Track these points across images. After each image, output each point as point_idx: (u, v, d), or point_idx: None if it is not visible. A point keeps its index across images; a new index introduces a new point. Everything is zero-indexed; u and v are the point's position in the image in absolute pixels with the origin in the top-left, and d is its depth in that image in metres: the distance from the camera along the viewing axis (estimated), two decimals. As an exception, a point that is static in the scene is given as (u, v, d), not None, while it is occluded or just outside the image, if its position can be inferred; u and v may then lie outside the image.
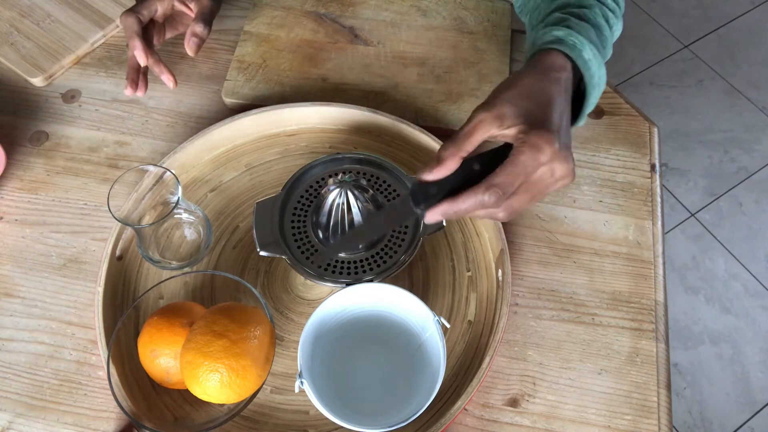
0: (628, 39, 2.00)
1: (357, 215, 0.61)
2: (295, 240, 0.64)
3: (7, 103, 0.80)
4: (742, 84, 1.92)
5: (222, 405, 0.59)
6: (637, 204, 0.72)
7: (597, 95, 0.59)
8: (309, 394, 0.54)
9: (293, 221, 0.65)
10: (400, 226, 0.65)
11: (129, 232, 0.68)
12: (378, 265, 0.63)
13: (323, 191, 0.62)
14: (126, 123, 0.78)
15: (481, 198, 0.49)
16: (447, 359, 0.57)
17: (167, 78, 0.74)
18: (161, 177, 0.65)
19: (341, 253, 0.63)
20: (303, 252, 0.64)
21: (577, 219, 0.71)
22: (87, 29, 0.84)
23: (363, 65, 0.81)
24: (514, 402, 0.61)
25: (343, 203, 0.61)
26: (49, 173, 0.75)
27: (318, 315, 0.58)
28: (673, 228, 1.67)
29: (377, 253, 0.64)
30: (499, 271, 0.64)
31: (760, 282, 1.59)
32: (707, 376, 1.47)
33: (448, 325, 0.59)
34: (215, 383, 0.53)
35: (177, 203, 0.62)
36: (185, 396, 0.59)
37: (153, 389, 0.60)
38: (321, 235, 0.64)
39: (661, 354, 0.63)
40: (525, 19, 0.73)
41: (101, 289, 0.63)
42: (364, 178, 0.67)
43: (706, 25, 2.04)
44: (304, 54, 0.82)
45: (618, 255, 0.69)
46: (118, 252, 0.67)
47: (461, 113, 0.76)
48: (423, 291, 0.66)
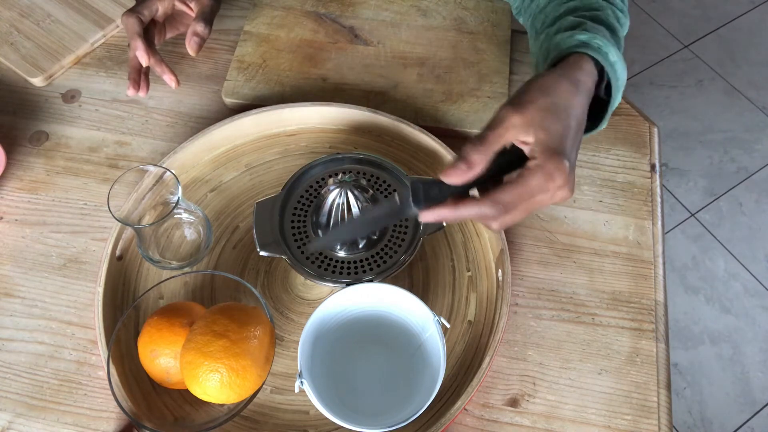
0: (628, 39, 1.98)
1: (357, 215, 0.61)
2: (295, 240, 0.64)
3: (7, 103, 0.80)
4: (742, 84, 1.92)
5: (222, 405, 0.59)
6: (637, 204, 0.72)
7: (620, 97, 0.59)
8: (309, 394, 0.54)
9: (293, 221, 0.65)
10: (396, 222, 0.64)
11: (129, 232, 0.68)
12: (378, 265, 0.63)
13: (323, 191, 0.62)
14: (126, 123, 0.78)
15: (484, 211, 0.49)
16: (447, 359, 0.57)
17: (169, 78, 0.74)
18: (161, 177, 0.65)
19: (341, 252, 0.64)
20: (303, 252, 0.64)
21: (577, 219, 0.71)
22: (87, 29, 0.84)
23: (363, 65, 0.81)
24: (514, 402, 0.61)
25: (343, 203, 0.61)
26: (49, 173, 0.75)
27: (318, 315, 0.58)
28: (673, 228, 1.67)
29: (377, 253, 0.64)
30: (499, 271, 0.64)
31: (760, 282, 1.59)
32: (707, 376, 1.47)
33: (448, 325, 0.59)
34: (215, 383, 0.53)
35: (177, 203, 0.62)
36: (185, 396, 0.59)
37: (153, 389, 0.60)
38: (321, 235, 0.64)
39: (661, 354, 0.63)
40: (524, 21, 0.72)
41: (101, 289, 0.63)
42: (364, 178, 0.67)
43: (706, 25, 2.04)
44: (304, 54, 0.82)
45: (618, 255, 0.69)
46: (118, 252, 0.67)
47: (461, 113, 0.76)
48: (423, 291, 0.66)
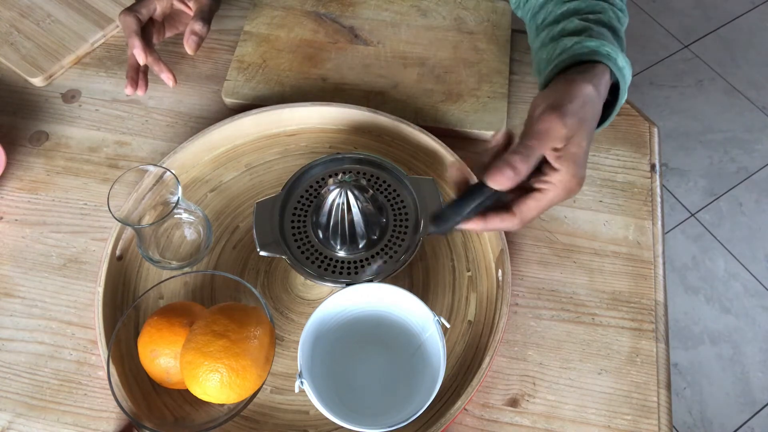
0: (628, 39, 1.98)
1: (357, 215, 0.61)
2: (295, 240, 0.64)
3: (7, 103, 0.80)
4: (742, 84, 1.92)
5: (222, 405, 0.59)
6: (637, 204, 0.72)
7: (625, 98, 0.61)
8: (309, 394, 0.54)
9: (293, 221, 0.65)
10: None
11: (129, 232, 0.68)
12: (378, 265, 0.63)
13: (323, 191, 0.62)
14: (126, 123, 0.78)
15: (509, 225, 0.53)
16: (447, 359, 0.57)
17: (167, 76, 0.74)
18: (161, 177, 0.65)
19: (341, 252, 0.64)
20: (303, 252, 0.64)
21: (577, 219, 0.71)
22: (87, 29, 0.84)
23: (363, 65, 0.81)
24: (514, 402, 0.61)
25: (343, 203, 0.61)
26: (49, 173, 0.75)
27: (318, 315, 0.58)
28: (673, 228, 1.67)
29: (377, 253, 0.64)
30: (499, 271, 0.64)
31: (760, 282, 1.59)
32: (707, 376, 1.47)
33: (448, 325, 0.59)
34: (215, 383, 0.53)
35: (177, 203, 0.62)
36: (185, 396, 0.59)
37: (153, 389, 0.60)
38: (321, 235, 0.64)
39: (661, 354, 0.63)
40: (522, 15, 0.73)
41: (101, 289, 0.63)
42: (364, 178, 0.67)
43: (706, 25, 2.04)
44: (304, 54, 0.82)
45: (618, 255, 0.69)
46: (118, 252, 0.67)
47: (461, 113, 0.76)
48: (423, 291, 0.66)
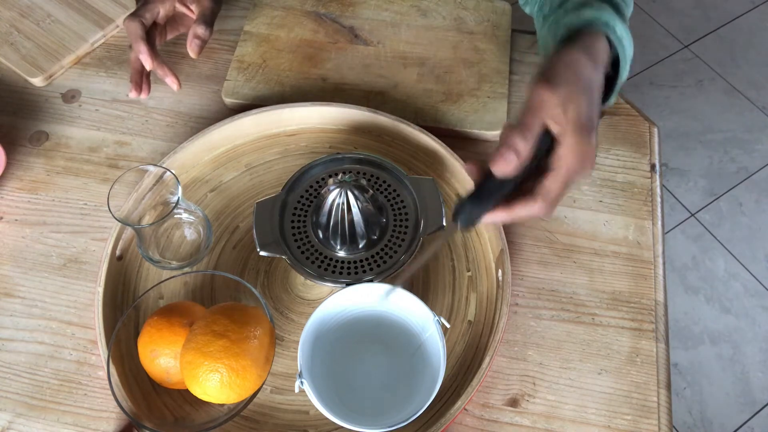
0: (628, 39, 2.00)
1: (357, 215, 0.61)
2: (295, 240, 0.64)
3: (7, 103, 0.80)
4: (742, 84, 1.91)
5: (222, 405, 0.59)
6: (637, 204, 0.72)
7: (627, 71, 0.60)
8: (309, 394, 0.54)
9: (293, 221, 0.65)
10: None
11: (129, 232, 0.68)
12: (378, 265, 0.63)
13: (323, 191, 0.62)
14: (126, 123, 0.78)
15: (537, 209, 0.51)
16: (447, 359, 0.57)
17: (171, 80, 0.74)
18: (161, 177, 0.65)
19: (341, 252, 0.64)
20: (303, 252, 0.64)
21: (577, 219, 0.71)
22: (87, 29, 0.84)
23: (363, 65, 0.81)
24: (514, 402, 0.61)
25: (343, 203, 0.61)
26: (49, 173, 0.75)
27: (318, 315, 0.58)
28: (673, 228, 1.67)
29: (377, 253, 0.64)
30: (499, 271, 0.64)
31: (760, 282, 1.59)
32: (707, 376, 1.47)
33: (448, 325, 0.59)
34: (215, 383, 0.53)
35: (177, 203, 0.62)
36: (185, 396, 0.59)
37: (153, 389, 0.60)
38: (321, 235, 0.64)
39: (661, 354, 0.63)
40: (530, 10, 0.73)
41: (101, 289, 0.63)
42: (364, 178, 0.67)
43: (706, 25, 2.04)
44: (304, 54, 0.82)
45: (618, 255, 0.69)
46: (118, 252, 0.67)
47: (461, 113, 0.76)
48: (423, 291, 0.66)
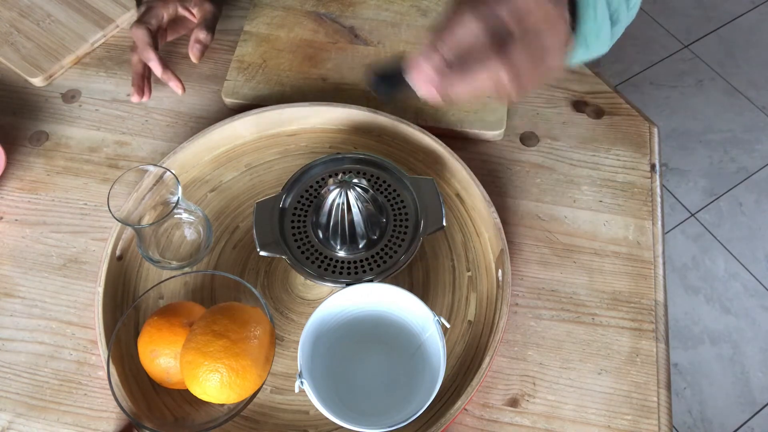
0: (628, 39, 1.99)
1: (357, 215, 0.61)
2: (295, 240, 0.64)
3: (7, 103, 0.80)
4: (742, 84, 1.92)
5: (222, 405, 0.59)
6: (637, 204, 0.72)
7: (600, 16, 0.45)
8: (309, 394, 0.54)
9: (293, 221, 0.65)
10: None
11: (129, 232, 0.68)
12: (378, 265, 0.63)
13: (323, 191, 0.62)
14: (126, 123, 0.78)
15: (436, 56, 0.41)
16: (447, 359, 0.57)
17: (175, 84, 0.75)
18: (161, 177, 0.65)
19: (341, 252, 0.64)
20: (303, 252, 0.64)
21: (577, 219, 0.71)
22: (87, 29, 0.84)
23: (363, 65, 0.81)
24: (514, 402, 0.61)
25: (343, 203, 0.61)
26: (49, 173, 0.75)
27: (318, 315, 0.58)
28: (673, 228, 1.67)
29: (377, 253, 0.64)
30: (499, 271, 0.64)
31: (760, 282, 1.59)
32: (707, 376, 1.47)
33: (448, 325, 0.59)
34: (215, 383, 0.53)
35: (177, 203, 0.62)
36: (185, 396, 0.59)
37: (153, 389, 0.60)
38: (321, 235, 0.64)
39: (661, 354, 0.63)
40: None
41: (101, 289, 0.63)
42: (364, 178, 0.67)
43: (706, 25, 2.04)
44: (304, 54, 0.82)
45: (618, 255, 0.69)
46: (118, 252, 0.67)
47: (461, 113, 0.76)
48: (423, 291, 0.66)
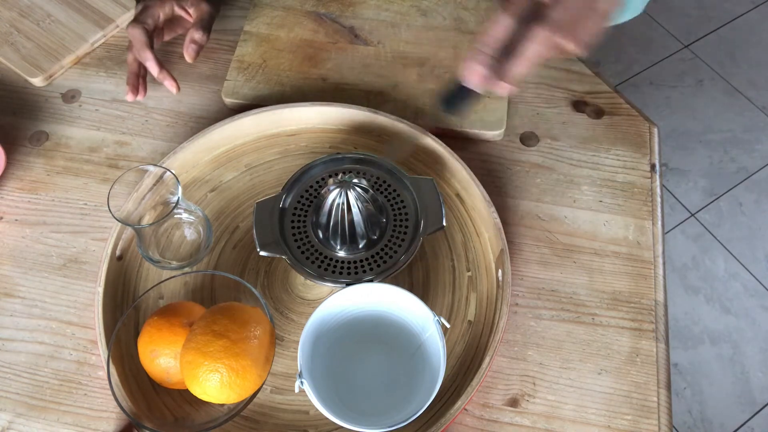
0: (628, 39, 2.00)
1: (357, 215, 0.61)
2: (295, 240, 0.64)
3: (7, 103, 0.80)
4: (742, 84, 1.91)
5: (222, 405, 0.59)
6: (637, 204, 0.72)
7: None
8: (309, 394, 0.54)
9: (293, 221, 0.65)
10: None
11: (129, 232, 0.68)
12: (378, 265, 0.63)
13: (323, 191, 0.62)
14: (126, 123, 0.78)
15: (544, 33, 0.46)
16: (447, 359, 0.57)
17: (170, 83, 0.75)
18: (161, 177, 0.65)
19: (341, 252, 0.64)
20: (303, 252, 0.64)
21: (577, 219, 0.71)
22: (87, 29, 0.84)
23: (363, 65, 0.81)
24: (514, 402, 0.61)
25: (343, 203, 0.61)
26: (49, 173, 0.75)
27: (318, 315, 0.58)
28: (673, 228, 1.67)
29: (377, 253, 0.64)
30: (499, 271, 0.64)
31: (760, 282, 1.59)
32: (707, 376, 1.47)
33: (448, 325, 0.59)
34: (215, 383, 0.53)
35: (177, 203, 0.62)
36: (185, 396, 0.59)
37: (153, 389, 0.60)
38: (321, 235, 0.64)
39: (661, 354, 0.63)
40: None
41: (101, 289, 0.63)
42: (364, 178, 0.67)
43: (706, 25, 2.04)
44: (304, 54, 0.82)
45: (618, 255, 0.69)
46: (118, 252, 0.67)
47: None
48: (423, 291, 0.66)
